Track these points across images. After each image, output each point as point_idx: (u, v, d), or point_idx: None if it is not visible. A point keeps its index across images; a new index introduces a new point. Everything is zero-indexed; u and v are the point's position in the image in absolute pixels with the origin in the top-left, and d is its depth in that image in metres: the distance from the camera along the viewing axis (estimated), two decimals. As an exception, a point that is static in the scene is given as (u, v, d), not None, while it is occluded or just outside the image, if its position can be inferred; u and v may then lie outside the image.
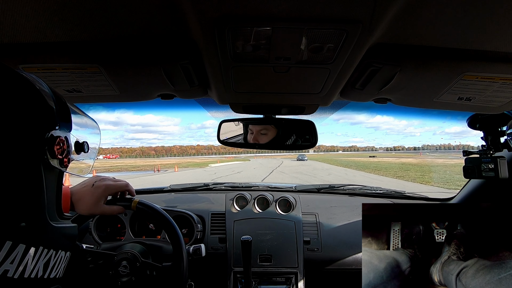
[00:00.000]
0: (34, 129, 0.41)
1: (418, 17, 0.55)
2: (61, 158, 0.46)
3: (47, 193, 0.46)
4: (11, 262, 0.39)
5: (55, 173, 0.47)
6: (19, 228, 0.40)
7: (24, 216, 0.41)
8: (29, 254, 0.41)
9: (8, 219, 0.39)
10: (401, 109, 1.09)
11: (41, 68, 0.74)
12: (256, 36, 0.59)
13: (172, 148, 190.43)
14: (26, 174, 0.41)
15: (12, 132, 0.39)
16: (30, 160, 0.41)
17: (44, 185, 0.45)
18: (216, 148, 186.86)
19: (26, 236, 0.41)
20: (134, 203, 1.13)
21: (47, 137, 0.43)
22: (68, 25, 0.61)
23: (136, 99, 0.94)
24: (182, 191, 1.97)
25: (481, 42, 0.63)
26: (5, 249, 0.38)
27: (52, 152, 0.44)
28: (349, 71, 0.73)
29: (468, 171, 1.23)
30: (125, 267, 1.16)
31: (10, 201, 0.39)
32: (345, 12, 0.52)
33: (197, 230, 1.55)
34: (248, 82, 0.82)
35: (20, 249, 0.40)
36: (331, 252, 1.53)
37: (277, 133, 1.14)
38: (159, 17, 0.59)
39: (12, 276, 0.39)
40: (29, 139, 0.41)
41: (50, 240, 0.46)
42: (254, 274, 1.46)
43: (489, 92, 0.80)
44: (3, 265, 0.38)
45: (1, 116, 0.38)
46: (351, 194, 1.93)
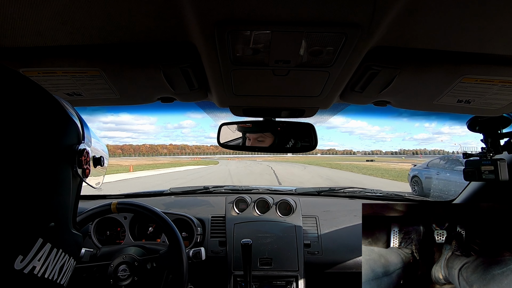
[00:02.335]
0: (68, 141, 0.47)
1: (416, 21, 0.56)
2: (84, 169, 0.50)
3: (71, 199, 0.50)
4: (38, 260, 0.41)
5: (77, 182, 0.51)
6: (49, 228, 0.42)
7: (53, 217, 0.44)
8: (52, 254, 0.43)
9: (41, 217, 0.41)
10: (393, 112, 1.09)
11: (41, 72, 0.75)
12: (256, 39, 0.59)
13: (141, 147, 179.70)
14: (60, 179, 0.45)
15: (54, 142, 0.44)
16: (64, 167, 0.46)
17: (71, 191, 0.49)
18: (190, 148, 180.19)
19: (52, 236, 0.43)
20: (113, 205, 1.17)
21: (79, 149, 0.48)
22: (69, 29, 0.61)
23: (136, 102, 0.95)
24: (182, 194, 1.97)
25: (479, 45, 0.64)
26: (37, 245, 0.40)
27: (80, 162, 0.49)
28: (349, 74, 0.74)
29: (468, 174, 1.23)
30: (125, 270, 1.16)
31: (44, 201, 0.42)
32: (345, 15, 0.52)
33: (197, 234, 1.55)
34: (248, 85, 0.82)
35: (47, 248, 0.42)
36: (331, 255, 1.53)
37: (274, 140, 1.14)
38: (159, 20, 0.59)
39: (37, 273, 0.41)
40: (65, 149, 0.46)
41: (68, 245, 0.48)
42: (254, 277, 1.45)
43: (488, 94, 0.81)
44: (33, 261, 0.40)
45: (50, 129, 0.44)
46: (351, 197, 1.93)
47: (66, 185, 0.47)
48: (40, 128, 0.41)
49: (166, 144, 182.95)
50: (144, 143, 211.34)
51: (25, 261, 0.38)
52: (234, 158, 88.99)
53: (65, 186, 0.47)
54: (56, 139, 0.44)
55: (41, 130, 0.41)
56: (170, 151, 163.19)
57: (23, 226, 0.38)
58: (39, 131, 0.41)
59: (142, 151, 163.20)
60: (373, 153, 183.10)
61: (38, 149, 0.41)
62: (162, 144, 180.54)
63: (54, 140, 0.44)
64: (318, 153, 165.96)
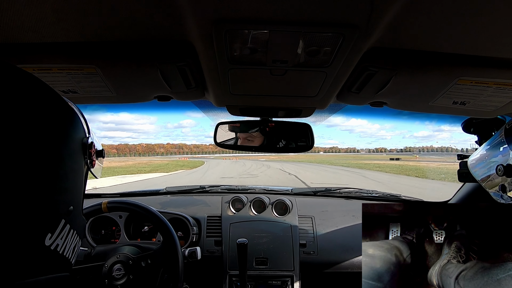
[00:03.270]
0: (79, 134, 0.52)
1: (413, 22, 0.56)
2: (91, 160, 0.56)
3: (83, 187, 0.55)
4: (61, 238, 0.46)
5: (85, 171, 0.56)
6: (69, 211, 0.47)
7: (72, 201, 0.49)
8: (69, 234, 0.48)
9: (64, 201, 0.46)
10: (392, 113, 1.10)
11: (36, 69, 0.74)
12: (253, 39, 0.59)
13: (137, 146, 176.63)
14: (77, 168, 0.50)
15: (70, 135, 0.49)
16: (79, 158, 0.51)
17: (83, 180, 0.54)
18: (188, 147, 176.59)
19: (71, 218, 0.48)
20: (103, 204, 1.17)
21: (89, 143, 0.53)
22: (65, 26, 0.60)
23: (133, 100, 0.94)
24: (178, 193, 1.96)
25: (475, 48, 0.64)
26: (60, 225, 0.45)
27: (89, 154, 0.54)
28: (346, 74, 0.74)
29: (462, 175, 1.24)
30: (119, 270, 1.15)
31: (67, 188, 0.47)
32: (342, 16, 0.52)
33: (192, 233, 1.54)
34: (245, 85, 0.82)
35: (67, 228, 0.47)
36: (327, 256, 1.53)
37: (268, 136, 1.15)
38: (157, 18, 0.59)
39: (59, 250, 0.46)
40: (78, 142, 0.51)
41: (79, 227, 0.53)
42: (250, 277, 1.45)
43: (483, 96, 0.81)
44: (57, 240, 0.45)
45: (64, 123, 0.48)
46: (347, 197, 1.94)
47: (80, 173, 0.52)
48: (56, 122, 0.46)
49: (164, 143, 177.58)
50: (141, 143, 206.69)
51: (52, 238, 0.44)
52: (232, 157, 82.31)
53: (80, 175, 0.52)
54: (70, 132, 0.49)
55: (58, 124, 0.46)
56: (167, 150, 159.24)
57: (51, 208, 0.44)
58: (56, 125, 0.46)
59: (138, 151, 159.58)
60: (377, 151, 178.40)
61: (59, 141, 0.46)
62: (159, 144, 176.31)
63: (69, 133, 0.49)
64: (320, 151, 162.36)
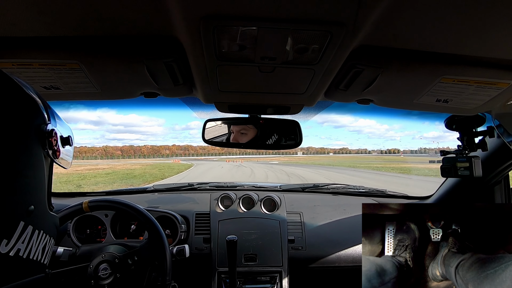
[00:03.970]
0: (35, 121, 0.47)
1: (399, 21, 0.57)
2: (54, 150, 0.51)
3: (46, 181, 0.51)
4: (22, 242, 0.42)
5: (48, 163, 0.51)
6: (29, 211, 0.44)
7: (32, 200, 0.45)
8: (34, 236, 0.45)
9: (21, 201, 0.43)
10: (383, 111, 1.12)
11: (16, 64, 0.71)
12: (242, 35, 0.59)
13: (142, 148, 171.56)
14: (33, 161, 0.46)
15: (20, 123, 0.44)
16: (35, 149, 0.46)
17: (45, 173, 0.50)
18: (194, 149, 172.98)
19: (33, 219, 0.45)
20: (84, 204, 1.15)
21: (47, 130, 0.48)
22: (47, 19, 0.58)
23: (118, 97, 0.92)
24: (166, 191, 1.94)
25: (458, 47, 0.66)
26: (19, 229, 0.42)
27: (50, 144, 0.49)
28: (333, 72, 0.74)
29: (445, 170, 1.28)
30: (105, 269, 1.13)
31: (21, 185, 0.43)
32: (330, 14, 0.53)
33: (181, 231, 1.53)
34: (234, 82, 0.82)
35: (29, 230, 0.44)
36: (315, 251, 1.56)
37: (257, 133, 1.14)
38: (143, 13, 0.57)
39: (22, 255, 0.43)
40: (33, 130, 0.46)
41: (47, 226, 0.50)
42: (239, 273, 1.46)
43: (465, 94, 0.84)
44: (17, 244, 0.42)
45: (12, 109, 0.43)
46: (334, 193, 1.97)
47: (40, 167, 0.48)
48: (3, 110, 0.41)
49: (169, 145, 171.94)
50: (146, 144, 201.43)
51: (9, 244, 0.40)
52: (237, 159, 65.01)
53: (39, 168, 0.47)
54: (22, 120, 0.44)
55: (4, 112, 0.41)
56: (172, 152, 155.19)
57: (4, 211, 0.40)
58: (2, 113, 0.41)
59: (143, 153, 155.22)
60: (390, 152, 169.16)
61: (7, 132, 0.41)
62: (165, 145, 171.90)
63: (21, 122, 0.44)
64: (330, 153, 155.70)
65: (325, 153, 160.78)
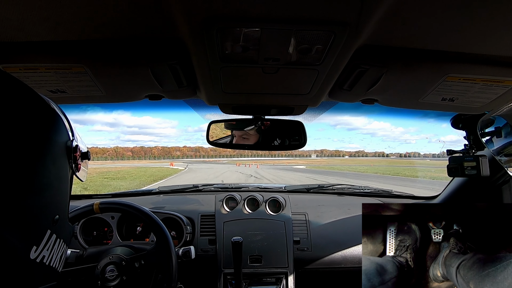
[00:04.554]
0: (62, 138, 0.50)
1: (403, 20, 0.57)
2: (76, 164, 0.54)
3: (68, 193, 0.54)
4: (47, 249, 0.44)
5: (70, 176, 0.54)
6: (55, 220, 0.46)
7: (58, 210, 0.47)
8: (56, 244, 0.47)
9: (49, 211, 0.45)
10: (387, 111, 1.11)
11: (23, 68, 0.72)
12: (245, 37, 0.59)
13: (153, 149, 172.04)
14: (61, 175, 0.48)
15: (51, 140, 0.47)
16: (64, 163, 0.49)
17: (69, 186, 0.53)
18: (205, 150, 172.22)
19: (57, 228, 0.47)
20: (95, 205, 1.16)
21: (73, 146, 0.52)
22: (52, 24, 0.59)
23: (123, 100, 0.93)
24: (171, 192, 1.95)
25: (463, 45, 0.65)
26: (46, 237, 0.44)
27: (74, 158, 0.52)
28: (337, 72, 0.74)
29: (452, 170, 1.26)
30: (112, 271, 1.14)
31: (51, 196, 0.45)
32: (333, 14, 0.53)
33: (186, 232, 1.54)
34: (237, 83, 0.82)
35: (53, 238, 0.46)
36: (320, 252, 1.55)
37: (261, 134, 1.15)
38: (147, 16, 0.58)
39: (45, 262, 0.45)
40: (62, 146, 0.49)
41: (66, 235, 0.52)
42: (244, 275, 1.46)
43: (471, 93, 0.83)
44: (43, 251, 0.43)
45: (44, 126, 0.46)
46: (339, 193, 1.96)
47: (66, 180, 0.50)
48: (36, 127, 0.44)
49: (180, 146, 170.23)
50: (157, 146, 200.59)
51: (38, 251, 0.42)
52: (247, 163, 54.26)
53: (65, 181, 0.50)
54: (53, 137, 0.47)
55: (37, 128, 0.44)
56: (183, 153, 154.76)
57: (36, 220, 0.42)
58: (36, 129, 0.43)
59: (154, 154, 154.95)
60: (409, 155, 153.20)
61: (42, 147, 0.44)
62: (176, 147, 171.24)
63: (52, 138, 0.47)
64: (345, 155, 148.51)
65: (340, 155, 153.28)
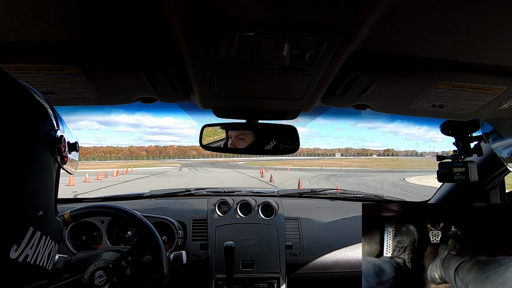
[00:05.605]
0: (45, 127, 0.47)
1: (395, 28, 0.58)
2: (62, 156, 0.51)
3: (54, 187, 0.51)
4: (30, 248, 0.42)
5: (56, 169, 0.51)
6: (38, 217, 0.44)
7: (41, 205, 0.45)
8: (41, 242, 0.45)
9: (30, 207, 0.43)
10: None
11: (12, 69, 0.71)
12: (239, 41, 0.59)
13: (168, 148, 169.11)
14: (44, 167, 0.46)
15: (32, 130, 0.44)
16: (46, 155, 0.47)
17: (54, 179, 0.50)
18: None
19: (41, 224, 0.45)
20: (66, 214, 1.15)
21: (57, 136, 0.49)
22: (44, 25, 0.58)
23: (115, 102, 0.92)
24: (163, 196, 1.93)
25: (453, 53, 0.67)
26: (28, 234, 0.42)
27: (59, 150, 0.49)
28: (330, 77, 0.75)
29: (441, 175, 1.28)
30: (101, 276, 1.11)
31: (32, 191, 0.43)
32: (326, 20, 0.53)
33: (178, 237, 1.52)
34: (231, 87, 0.82)
35: (37, 236, 0.44)
36: (312, 256, 1.54)
37: (254, 138, 1.15)
38: (141, 19, 0.57)
39: (30, 261, 0.43)
40: (44, 136, 0.46)
41: (53, 231, 0.50)
42: (236, 280, 1.44)
43: (460, 100, 0.85)
44: (25, 250, 0.41)
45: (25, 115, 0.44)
46: (332, 198, 1.96)
47: (49, 173, 0.48)
48: (14, 116, 0.41)
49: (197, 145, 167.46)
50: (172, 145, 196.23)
51: (19, 250, 0.40)
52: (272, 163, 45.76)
53: (48, 174, 0.48)
54: (33, 126, 0.44)
55: (16, 118, 0.41)
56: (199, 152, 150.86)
57: (16, 217, 0.40)
58: (14, 119, 0.41)
59: (169, 153, 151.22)
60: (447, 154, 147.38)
61: (18, 138, 0.41)
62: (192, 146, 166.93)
63: (31, 127, 0.44)
64: (373, 155, 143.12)
65: (367, 154, 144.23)
